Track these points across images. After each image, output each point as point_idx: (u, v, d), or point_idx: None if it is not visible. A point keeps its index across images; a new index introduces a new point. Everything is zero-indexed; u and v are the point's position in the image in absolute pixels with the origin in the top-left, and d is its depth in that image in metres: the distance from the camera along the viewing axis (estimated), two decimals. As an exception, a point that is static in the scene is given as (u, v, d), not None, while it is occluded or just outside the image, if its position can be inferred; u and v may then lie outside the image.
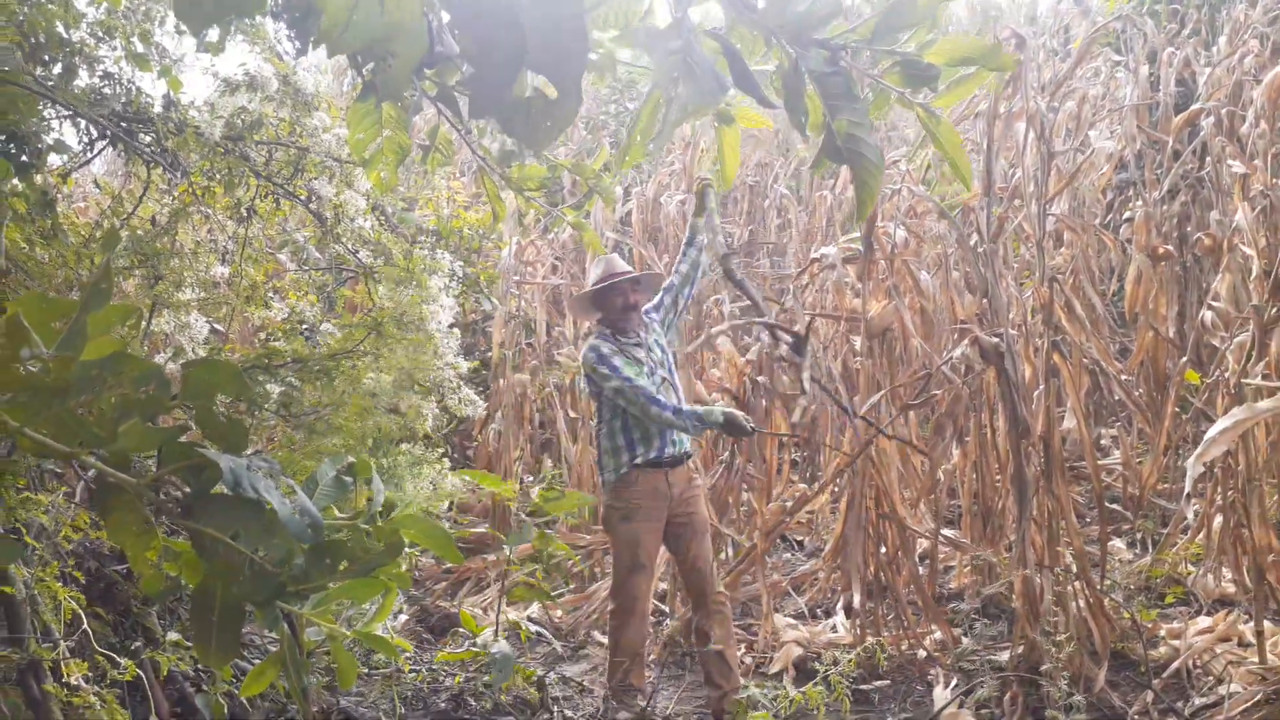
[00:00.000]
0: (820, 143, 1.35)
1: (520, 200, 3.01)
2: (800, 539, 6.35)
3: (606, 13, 1.43)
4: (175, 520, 1.29)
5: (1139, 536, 5.36)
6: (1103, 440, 6.29)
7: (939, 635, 4.55)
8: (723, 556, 5.30)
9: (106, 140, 3.62)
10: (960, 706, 3.88)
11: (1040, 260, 4.22)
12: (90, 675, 2.23)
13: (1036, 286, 4.25)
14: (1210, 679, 3.80)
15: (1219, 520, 4.36)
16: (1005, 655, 4.21)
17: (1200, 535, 4.76)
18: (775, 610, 5.00)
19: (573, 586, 5.97)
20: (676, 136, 8.15)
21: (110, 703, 2.13)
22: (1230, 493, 4.14)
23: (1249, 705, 3.47)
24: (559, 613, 5.58)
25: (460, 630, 4.49)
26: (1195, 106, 5.76)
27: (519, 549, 4.06)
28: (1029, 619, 3.91)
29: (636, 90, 9.98)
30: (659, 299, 4.29)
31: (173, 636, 2.80)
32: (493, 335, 7.23)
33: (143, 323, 3.49)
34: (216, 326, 4.17)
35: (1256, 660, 3.75)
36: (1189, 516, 4.72)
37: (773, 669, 4.55)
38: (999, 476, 4.80)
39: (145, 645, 2.71)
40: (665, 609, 5.33)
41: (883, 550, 4.64)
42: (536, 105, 1.30)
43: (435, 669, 3.93)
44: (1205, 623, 4.17)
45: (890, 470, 4.60)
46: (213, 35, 3.11)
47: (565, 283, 7.49)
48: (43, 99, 3.06)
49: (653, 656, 4.77)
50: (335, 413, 3.32)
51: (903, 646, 4.53)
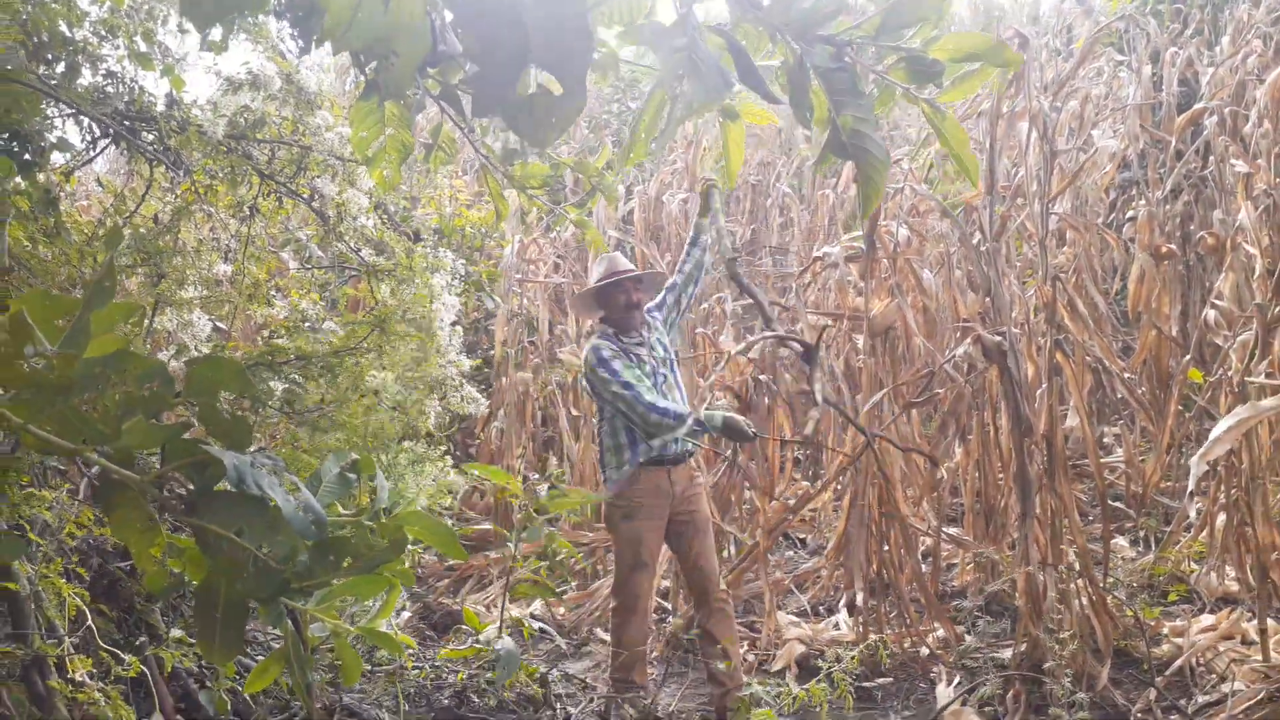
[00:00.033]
0: (825, 139, 1.35)
1: (523, 198, 3.01)
2: (803, 537, 6.35)
3: (610, 9, 1.44)
4: (179, 517, 1.30)
5: (1142, 534, 5.36)
6: (1105, 438, 6.29)
7: (942, 633, 4.55)
8: (725, 554, 5.31)
9: (109, 139, 3.62)
10: (963, 704, 3.88)
11: (1043, 259, 4.22)
12: (95, 671, 2.23)
13: (1039, 285, 4.25)
14: (1213, 677, 3.80)
15: (1222, 518, 4.35)
16: (1008, 653, 4.22)
17: (1203, 533, 4.76)
18: (778, 608, 5.00)
19: (575, 584, 5.98)
20: (679, 135, 8.15)
21: (115, 699, 2.13)
22: (1233, 491, 4.14)
23: (1252, 703, 3.47)
24: (562, 610, 5.58)
25: (463, 627, 4.49)
26: (1198, 106, 5.75)
27: (524, 546, 4.06)
28: (1032, 617, 3.91)
29: (638, 89, 9.98)
30: (661, 298, 4.29)
31: (176, 633, 2.81)
32: (495, 333, 7.24)
33: (145, 321, 3.49)
34: (219, 324, 4.17)
35: (1259, 658, 3.75)
36: (1192, 515, 4.72)
37: (775, 666, 4.55)
38: (1001, 475, 4.80)
39: (149, 642, 2.71)
40: (668, 606, 5.34)
41: (885, 548, 4.64)
42: (541, 102, 1.30)
43: (438, 666, 3.93)
44: (1208, 621, 4.17)
45: (893, 468, 4.60)
46: (216, 34, 3.11)
47: (567, 281, 7.49)
48: (46, 97, 3.06)
49: (655, 654, 4.78)
50: (339, 409, 3.32)
51: (905, 644, 4.53)
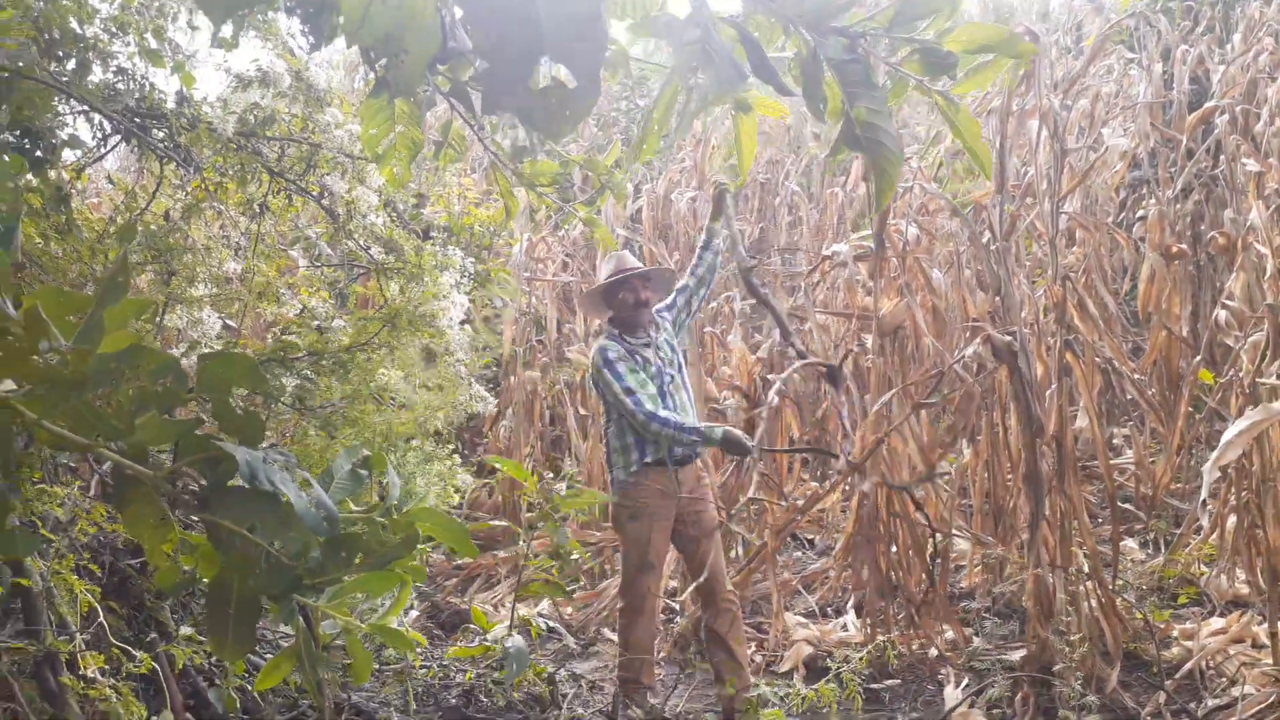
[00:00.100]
0: (838, 131, 1.35)
1: (532, 196, 3.01)
2: (811, 537, 6.34)
3: (623, 2, 1.43)
4: (192, 513, 1.30)
5: (1151, 536, 5.34)
6: (1115, 440, 6.26)
7: (950, 634, 4.54)
8: (733, 555, 5.30)
9: (120, 136, 3.63)
10: (971, 706, 3.87)
11: (1053, 258, 4.20)
12: (106, 668, 2.23)
13: (1049, 285, 4.23)
14: (1223, 680, 3.78)
15: (1232, 520, 4.33)
16: (1016, 655, 4.20)
17: (1214, 536, 4.73)
18: (785, 609, 4.99)
19: (583, 583, 5.98)
20: (679, 138, 8.14)
21: (126, 695, 2.14)
22: (1244, 493, 4.12)
23: (1262, 707, 3.44)
24: (569, 609, 5.58)
25: (471, 626, 4.49)
26: (1209, 104, 5.73)
27: (534, 545, 4.07)
28: (1040, 619, 3.89)
29: (647, 87, 9.97)
30: (672, 299, 4.28)
31: (186, 631, 2.81)
32: (503, 332, 7.24)
33: (157, 318, 3.50)
34: (229, 322, 4.18)
35: (1270, 662, 3.72)
36: (1205, 522, 4.69)
37: (783, 667, 4.54)
38: (1010, 475, 4.78)
39: (158, 640, 2.72)
40: (675, 607, 5.33)
41: (893, 549, 4.62)
42: (554, 96, 1.30)
43: (446, 665, 3.93)
44: (1218, 624, 4.15)
45: (903, 469, 4.59)
46: (226, 31, 3.12)
47: (576, 280, 7.49)
48: (57, 94, 3.07)
49: (663, 654, 4.77)
50: (350, 405, 3.32)
51: (914, 645, 4.52)
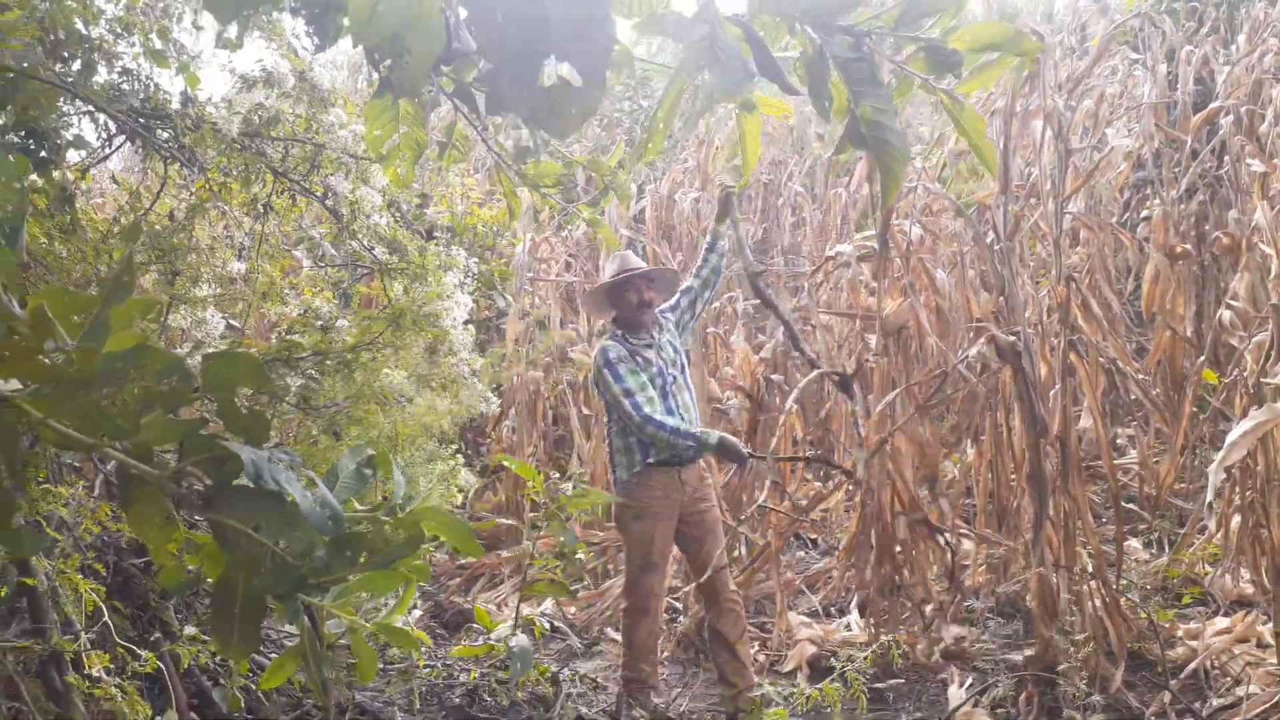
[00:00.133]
0: (843, 130, 1.35)
1: (536, 197, 3.01)
2: (814, 537, 6.33)
3: (630, 1, 1.43)
4: (197, 512, 1.30)
5: (1156, 536, 5.33)
6: (1119, 440, 6.25)
7: (954, 634, 4.53)
8: (737, 554, 5.30)
9: (125, 136, 3.63)
10: (975, 706, 3.86)
11: (1057, 258, 4.20)
12: (111, 667, 2.24)
13: (1053, 285, 4.22)
14: (1228, 680, 3.78)
15: (1237, 520, 4.32)
16: (1020, 655, 4.20)
17: (1218, 535, 4.72)
18: (789, 608, 4.99)
19: (586, 583, 5.98)
20: (686, 136, 8.14)
21: (132, 694, 2.14)
22: (1249, 493, 4.11)
23: (1267, 707, 3.44)
24: (573, 609, 5.58)
25: (474, 626, 4.49)
26: (1214, 105, 5.72)
27: (539, 544, 4.08)
28: (1045, 618, 3.89)
29: (650, 87, 9.98)
30: (676, 300, 4.28)
31: (190, 630, 2.82)
32: (507, 332, 7.24)
33: (161, 318, 3.50)
34: (233, 322, 4.18)
35: (1275, 662, 3.72)
36: (1211, 525, 4.68)
37: (787, 667, 4.54)
38: (1014, 475, 4.77)
39: (163, 639, 2.72)
40: (679, 606, 5.33)
41: (897, 549, 4.62)
42: (561, 94, 1.30)
43: (450, 664, 3.94)
44: (1223, 623, 4.14)
45: (906, 468, 4.58)
46: (232, 32, 3.12)
47: (579, 280, 7.49)
48: (62, 94, 3.08)
49: (666, 654, 4.77)
50: (355, 405, 3.33)
51: (919, 647, 4.51)
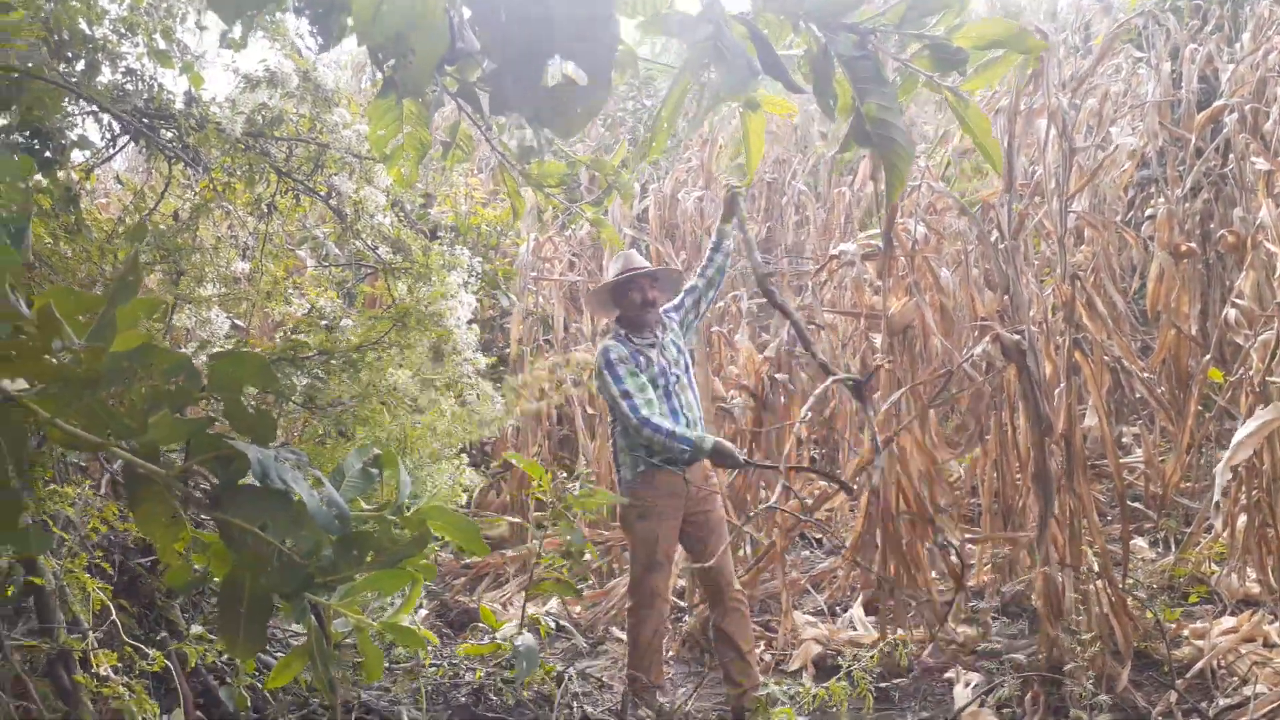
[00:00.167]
0: (847, 128, 1.35)
1: (539, 197, 3.01)
2: (819, 536, 6.33)
3: (633, 1, 1.43)
4: (204, 511, 1.30)
5: (1162, 535, 5.32)
6: (1124, 438, 6.24)
7: (960, 633, 4.53)
8: (741, 553, 5.29)
9: (129, 136, 3.64)
10: (981, 705, 3.86)
11: (1061, 257, 4.19)
12: (119, 666, 2.24)
13: (1057, 284, 4.22)
14: (1235, 680, 3.76)
15: (1243, 519, 4.31)
16: (1026, 654, 4.19)
17: (1224, 534, 4.71)
18: (794, 608, 4.98)
19: (591, 582, 5.98)
20: (692, 134, 8.14)
21: (139, 693, 2.14)
22: (1255, 492, 4.10)
23: (1274, 706, 3.43)
24: (578, 608, 5.58)
25: (480, 625, 4.49)
26: (1218, 103, 5.70)
27: (545, 543, 4.08)
28: (1050, 618, 3.89)
29: (653, 87, 9.98)
30: (680, 299, 4.27)
31: (196, 629, 2.82)
32: (511, 331, 7.24)
33: (166, 317, 3.51)
34: (237, 322, 4.19)
35: (1282, 660, 3.71)
36: (1218, 525, 4.66)
37: (792, 666, 4.54)
38: (1019, 475, 4.77)
39: (169, 638, 2.73)
40: (684, 605, 5.33)
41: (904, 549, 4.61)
42: (566, 93, 1.30)
43: (456, 663, 3.94)
44: (1229, 623, 4.13)
45: (911, 467, 4.58)
46: (236, 31, 3.13)
47: (582, 279, 7.49)
48: (66, 95, 3.08)
49: (672, 653, 4.77)
50: (361, 405, 3.33)
51: (925, 647, 4.50)
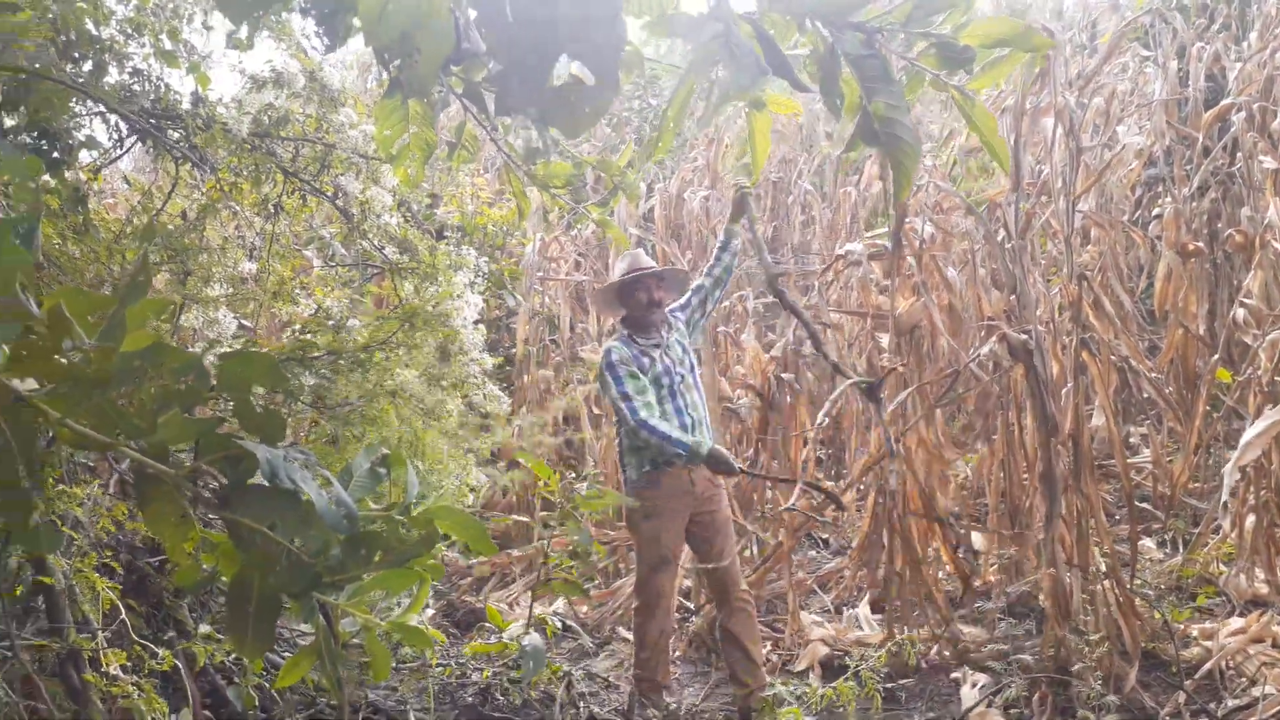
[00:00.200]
0: (854, 127, 1.34)
1: (545, 197, 3.01)
2: (825, 536, 6.32)
3: (640, 1, 1.43)
4: (212, 511, 1.30)
5: (1170, 536, 5.30)
6: (1132, 438, 6.22)
7: (967, 634, 4.51)
8: (748, 554, 5.29)
9: (136, 136, 3.65)
10: (989, 706, 3.85)
11: (1068, 257, 4.18)
12: (128, 665, 2.25)
13: (1065, 283, 4.21)
14: (1243, 680, 3.75)
15: (1251, 520, 4.30)
16: (1033, 655, 4.18)
17: (1233, 535, 4.69)
18: (801, 608, 4.98)
19: (598, 582, 5.98)
20: (699, 132, 8.13)
21: (149, 692, 2.15)
22: (1264, 492, 4.09)
23: (1283, 707, 3.42)
24: (584, 608, 5.58)
25: (486, 625, 4.50)
26: (1226, 102, 5.68)
27: (553, 542, 4.09)
28: (1058, 618, 3.88)
29: (659, 86, 9.98)
30: (687, 299, 4.27)
31: (204, 629, 2.83)
32: (517, 331, 7.25)
33: (174, 317, 3.52)
34: (244, 322, 4.20)
35: (1290, 661, 3.70)
36: (1226, 526, 4.64)
37: (799, 667, 4.53)
38: (1026, 475, 4.76)
39: (176, 638, 2.73)
40: (690, 606, 5.33)
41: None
42: (573, 92, 1.30)
43: (463, 663, 3.94)
44: (1238, 623, 4.11)
45: (917, 466, 4.57)
46: (242, 32, 3.13)
47: (588, 279, 7.49)
48: (74, 95, 3.09)
49: (678, 653, 4.77)
50: (369, 405, 3.34)
51: (933, 647, 4.49)
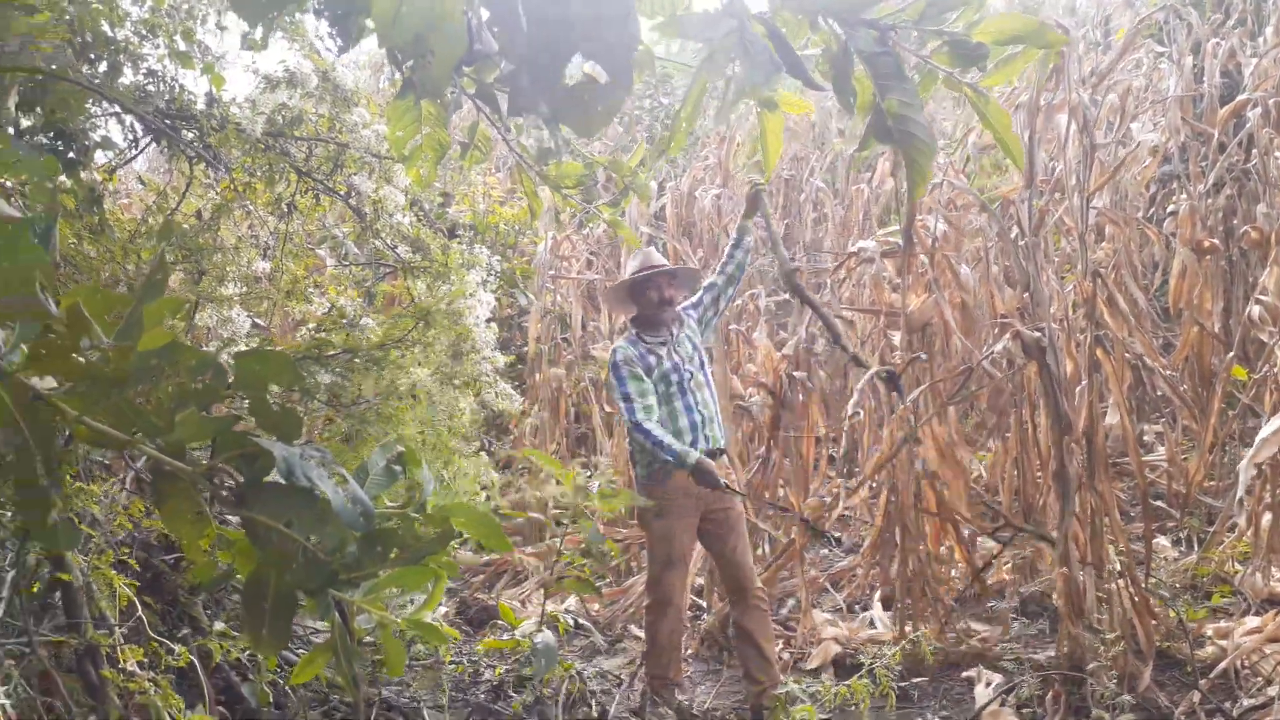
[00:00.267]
0: (867, 124, 1.34)
1: (557, 197, 3.02)
2: (838, 535, 6.31)
3: (652, 1, 1.43)
4: (229, 509, 1.31)
5: (1185, 534, 5.27)
6: (1147, 436, 6.19)
7: (981, 632, 4.50)
8: (760, 552, 5.28)
9: (151, 137, 3.68)
10: (1002, 705, 3.84)
11: (1082, 254, 4.16)
12: (145, 662, 2.27)
13: (1079, 280, 4.19)
14: (1259, 680, 3.73)
15: (1267, 518, 4.27)
16: (1046, 653, 4.17)
17: (1249, 533, 4.67)
18: (813, 606, 4.97)
19: (609, 580, 5.99)
20: (711, 131, 8.12)
21: (165, 689, 2.17)
22: (1279, 490, 4.06)
23: (1299, 706, 3.40)
24: (596, 606, 5.59)
25: (499, 622, 4.51)
26: (1241, 97, 5.65)
27: (566, 541, 4.09)
28: (1072, 617, 3.86)
29: (670, 85, 9.98)
30: (699, 297, 4.27)
31: (219, 626, 2.85)
32: (529, 330, 7.26)
33: (189, 316, 3.54)
34: (258, 321, 4.22)
35: (1306, 660, 3.67)
36: (1241, 522, 4.61)
37: (811, 664, 4.53)
38: (1040, 473, 4.74)
39: (192, 634, 2.75)
40: (703, 604, 5.33)
41: (921, 546, 4.59)
42: (587, 91, 1.30)
43: (476, 660, 3.95)
44: (1253, 622, 4.09)
45: (930, 463, 4.56)
46: (256, 33, 3.15)
47: (600, 278, 7.49)
48: (90, 96, 3.11)
49: (691, 651, 4.77)
50: (384, 402, 3.36)
51: (946, 646, 4.48)
